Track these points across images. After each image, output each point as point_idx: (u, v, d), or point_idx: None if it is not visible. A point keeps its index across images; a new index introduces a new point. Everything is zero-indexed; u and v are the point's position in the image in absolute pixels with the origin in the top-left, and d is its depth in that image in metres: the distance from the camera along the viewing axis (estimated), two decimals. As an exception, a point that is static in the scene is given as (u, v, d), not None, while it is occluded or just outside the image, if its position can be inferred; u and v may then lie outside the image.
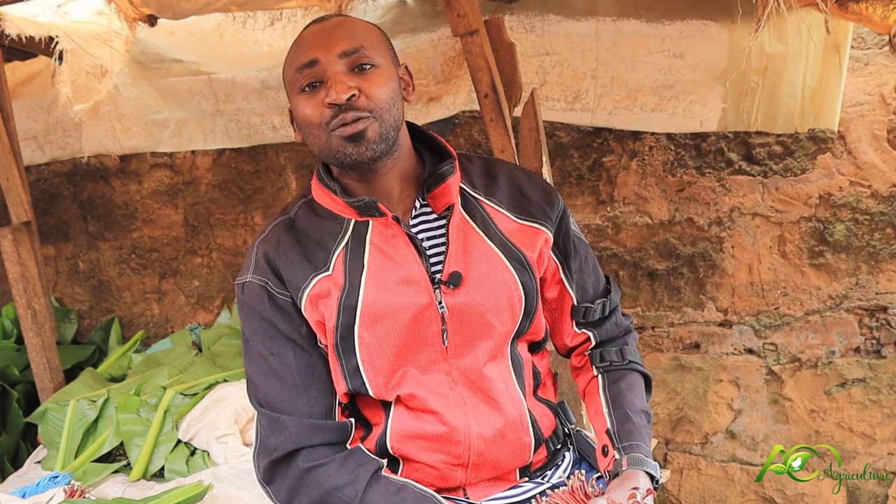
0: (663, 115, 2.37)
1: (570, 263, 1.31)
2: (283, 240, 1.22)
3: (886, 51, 2.29)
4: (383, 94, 1.13)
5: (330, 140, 1.13)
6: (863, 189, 2.40)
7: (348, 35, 1.15)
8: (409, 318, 1.16)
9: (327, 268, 1.18)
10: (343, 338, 1.17)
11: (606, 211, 2.56)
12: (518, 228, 1.24)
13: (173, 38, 2.39)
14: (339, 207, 1.21)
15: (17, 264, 2.30)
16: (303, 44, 1.17)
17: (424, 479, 1.20)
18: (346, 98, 1.10)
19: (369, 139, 1.12)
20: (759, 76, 2.28)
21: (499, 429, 1.20)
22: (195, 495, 1.73)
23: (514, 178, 1.30)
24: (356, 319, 1.16)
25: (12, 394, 2.41)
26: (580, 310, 1.32)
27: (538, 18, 2.27)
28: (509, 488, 1.25)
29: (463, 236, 1.21)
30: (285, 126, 2.60)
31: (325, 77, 1.13)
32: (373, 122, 1.12)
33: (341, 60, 1.13)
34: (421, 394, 1.17)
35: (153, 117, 2.63)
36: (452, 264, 1.18)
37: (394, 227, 1.18)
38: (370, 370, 1.17)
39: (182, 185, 2.83)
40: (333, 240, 1.19)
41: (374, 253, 1.18)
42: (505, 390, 1.21)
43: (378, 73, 1.14)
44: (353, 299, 1.16)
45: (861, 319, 2.46)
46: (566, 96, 2.38)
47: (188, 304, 2.89)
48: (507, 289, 1.20)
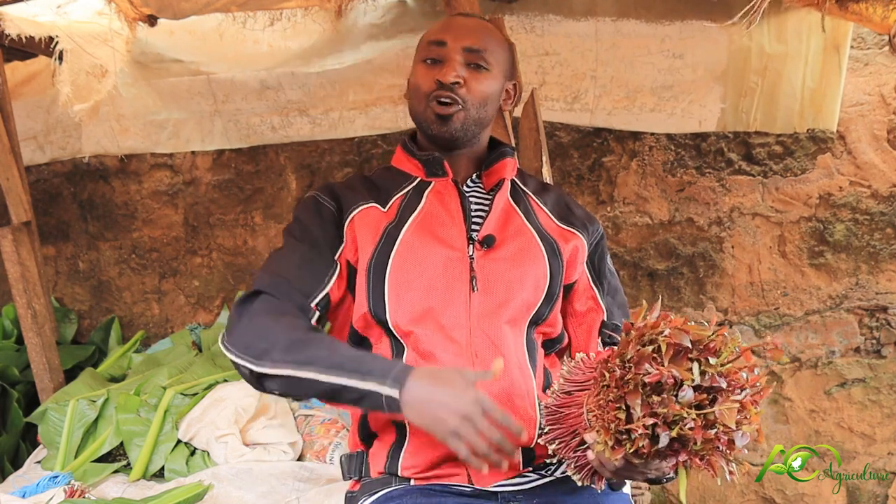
0: (662, 116, 2.37)
1: (602, 283, 1.42)
2: (355, 180, 1.41)
3: (886, 51, 2.29)
4: (481, 93, 1.32)
5: (426, 109, 1.32)
6: (863, 189, 2.40)
7: (479, 37, 1.34)
8: (442, 263, 1.28)
9: (385, 205, 1.34)
10: (378, 261, 1.28)
11: (606, 211, 2.56)
12: (556, 228, 1.39)
13: (173, 38, 2.38)
14: (410, 166, 1.39)
15: (17, 264, 2.29)
16: (444, 25, 1.37)
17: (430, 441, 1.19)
18: (451, 80, 1.29)
19: (454, 124, 1.31)
20: (758, 76, 2.28)
21: (505, 388, 1.22)
22: (195, 495, 1.73)
23: (562, 196, 1.47)
24: (394, 248, 1.28)
25: (12, 394, 2.41)
26: (610, 326, 1.39)
27: (538, 18, 2.27)
28: (514, 476, 1.25)
29: (505, 212, 1.36)
30: (284, 126, 2.59)
31: (445, 58, 1.32)
32: (461, 111, 1.31)
33: (463, 53, 1.32)
34: (436, 339, 1.23)
35: (151, 118, 2.62)
36: (489, 228, 1.32)
37: (451, 188, 1.35)
38: (394, 297, 1.26)
39: (182, 185, 2.83)
40: (397, 189, 1.37)
41: (427, 204, 1.34)
42: (516, 357, 1.26)
43: (486, 76, 1.33)
44: (397, 230, 1.30)
45: (861, 319, 2.46)
46: (566, 96, 2.38)
47: (188, 304, 2.89)
48: (535, 265, 1.31)
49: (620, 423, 0.98)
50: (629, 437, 0.98)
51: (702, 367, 0.98)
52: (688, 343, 0.98)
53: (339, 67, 2.39)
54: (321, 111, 2.53)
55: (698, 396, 0.97)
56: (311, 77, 2.43)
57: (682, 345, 0.98)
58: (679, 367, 0.97)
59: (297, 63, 2.41)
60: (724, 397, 0.98)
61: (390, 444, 1.25)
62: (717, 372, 0.98)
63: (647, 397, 0.97)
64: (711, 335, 1.00)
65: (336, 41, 2.35)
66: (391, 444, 1.25)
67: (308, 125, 2.57)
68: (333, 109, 2.51)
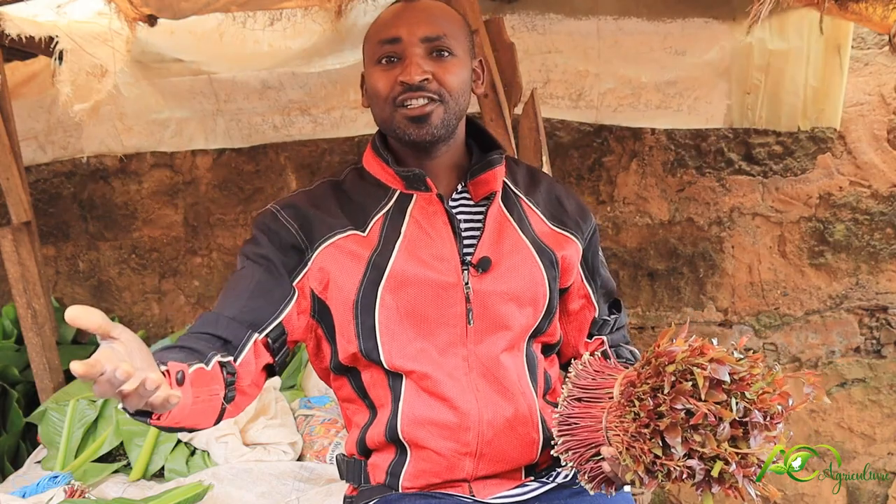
0: (668, 112, 2.37)
1: (595, 280, 1.36)
2: (327, 194, 1.25)
3: (886, 51, 2.29)
4: (454, 82, 1.18)
5: (394, 115, 1.18)
6: (863, 189, 2.40)
7: (434, 21, 1.19)
8: (434, 293, 1.18)
9: (364, 229, 1.21)
10: (365, 296, 1.18)
11: (606, 211, 2.56)
12: (550, 233, 1.28)
13: (174, 37, 2.38)
14: (387, 176, 1.24)
15: (17, 264, 2.29)
16: (389, 19, 1.21)
17: (431, 469, 1.19)
18: (418, 80, 1.15)
19: (432, 123, 1.17)
20: (761, 73, 2.29)
21: (509, 419, 1.20)
22: (195, 495, 1.73)
23: (553, 188, 1.35)
24: (382, 280, 1.18)
25: (12, 394, 2.41)
26: (598, 322, 1.36)
27: (539, 17, 2.28)
28: (515, 487, 1.24)
29: (498, 226, 1.24)
30: (286, 125, 2.60)
31: (403, 55, 1.17)
32: (438, 106, 1.17)
33: (422, 44, 1.17)
34: (435, 375, 1.18)
35: (154, 117, 2.63)
36: (484, 249, 1.21)
37: (436, 205, 1.22)
38: (386, 334, 1.18)
39: (182, 184, 2.83)
40: (376, 206, 1.23)
41: (412, 225, 1.21)
42: (518, 383, 1.22)
43: (453, 62, 1.19)
44: (383, 260, 1.18)
45: (861, 319, 2.46)
46: (570, 94, 2.38)
47: (188, 304, 2.89)
48: (534, 283, 1.23)
49: (656, 457, 0.96)
50: (664, 471, 0.96)
51: (737, 401, 0.96)
52: (726, 377, 0.96)
53: (339, 67, 2.39)
54: (323, 110, 2.53)
55: (734, 431, 0.96)
56: (312, 77, 2.43)
57: (721, 379, 0.96)
58: (715, 399, 0.96)
59: (298, 63, 2.41)
60: (759, 430, 0.97)
61: (389, 461, 1.23)
62: (753, 403, 0.97)
63: (686, 433, 0.95)
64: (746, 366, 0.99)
65: (336, 41, 2.35)
66: (391, 462, 1.23)
67: (310, 124, 2.58)
68: (335, 108, 2.51)
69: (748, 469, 0.96)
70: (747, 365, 0.99)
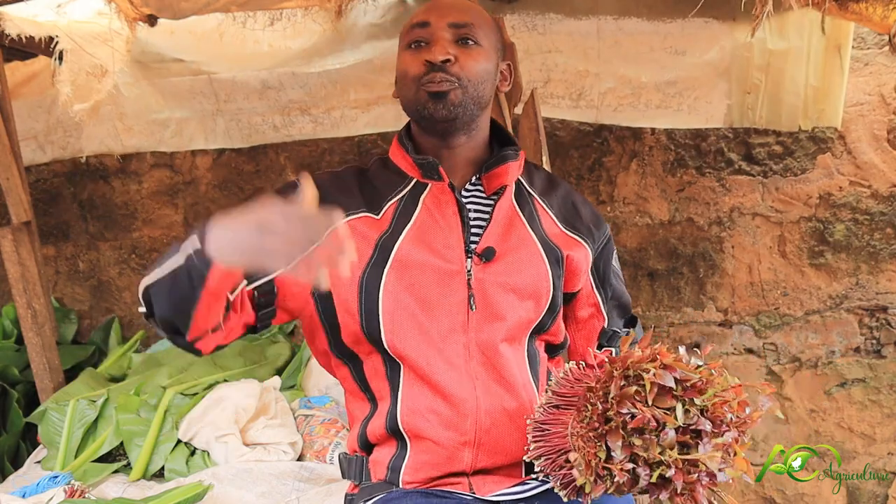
0: (669, 112, 2.37)
1: (605, 289, 1.37)
2: (350, 177, 1.31)
3: (886, 51, 2.29)
4: (476, 69, 1.22)
5: (417, 93, 1.22)
6: (863, 189, 2.40)
7: (463, 11, 1.25)
8: (437, 278, 1.22)
9: (378, 212, 1.26)
10: (371, 276, 1.21)
11: (606, 211, 2.56)
12: (560, 234, 1.31)
13: (174, 37, 2.38)
14: (406, 165, 1.29)
15: (17, 264, 2.29)
16: (425, 8, 1.27)
17: (431, 461, 1.20)
18: (441, 59, 1.19)
19: (450, 101, 1.20)
20: (761, 73, 2.29)
21: (508, 410, 1.20)
22: (195, 495, 1.73)
23: (571, 195, 1.38)
24: (388, 261, 1.21)
25: (12, 394, 2.41)
26: (607, 332, 1.37)
27: (539, 17, 2.28)
28: (515, 485, 1.25)
29: (507, 220, 1.28)
30: (286, 125, 2.60)
31: (431, 39, 1.22)
32: (457, 88, 1.20)
33: (450, 29, 1.22)
34: (434, 363, 1.19)
35: (154, 117, 2.63)
36: (490, 240, 1.25)
37: (447, 194, 1.26)
38: (388, 314, 1.20)
39: (182, 184, 2.83)
40: (392, 191, 1.28)
41: (423, 212, 1.26)
42: (518, 375, 1.23)
43: (478, 51, 1.23)
44: (391, 241, 1.23)
45: (861, 319, 2.46)
46: (571, 93, 2.38)
47: (188, 304, 2.89)
48: (538, 278, 1.25)
49: (601, 461, 0.97)
50: (610, 475, 0.97)
51: (686, 407, 0.97)
52: (671, 383, 0.97)
53: (339, 67, 2.39)
54: (323, 110, 2.53)
55: (681, 437, 0.96)
56: (312, 77, 2.43)
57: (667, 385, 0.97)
58: (663, 405, 0.97)
59: (298, 63, 2.41)
60: (707, 438, 0.97)
61: (390, 456, 1.24)
62: (701, 411, 0.97)
63: (627, 437, 0.96)
64: (698, 374, 0.99)
65: (336, 41, 2.35)
66: (391, 457, 1.24)
67: (310, 124, 2.58)
68: (335, 108, 2.51)
69: (690, 476, 0.96)
70: (704, 373, 0.99)
